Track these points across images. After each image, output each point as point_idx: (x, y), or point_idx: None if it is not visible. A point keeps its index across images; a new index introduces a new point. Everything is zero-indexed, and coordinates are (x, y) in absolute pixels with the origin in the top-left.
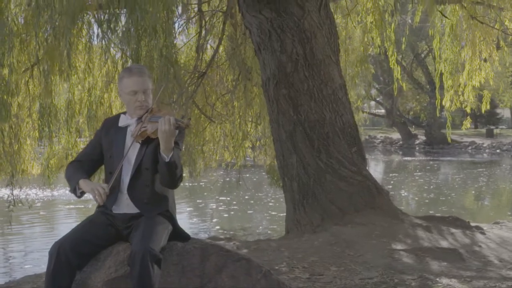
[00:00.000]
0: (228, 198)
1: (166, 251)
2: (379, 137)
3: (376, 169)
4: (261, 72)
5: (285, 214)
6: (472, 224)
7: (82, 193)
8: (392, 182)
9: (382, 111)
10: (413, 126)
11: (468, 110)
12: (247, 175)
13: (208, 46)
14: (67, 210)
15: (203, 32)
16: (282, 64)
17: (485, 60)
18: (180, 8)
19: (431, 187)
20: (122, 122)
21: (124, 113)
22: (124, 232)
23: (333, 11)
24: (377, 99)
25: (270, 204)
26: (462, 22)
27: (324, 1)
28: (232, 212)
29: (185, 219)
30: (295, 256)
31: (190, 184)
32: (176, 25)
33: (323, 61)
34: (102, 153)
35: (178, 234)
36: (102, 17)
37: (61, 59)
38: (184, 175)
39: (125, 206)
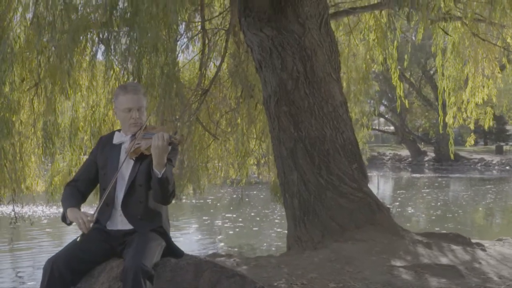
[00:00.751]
0: (234, 215)
1: (159, 267)
2: (388, 154)
3: (384, 186)
4: (262, 89)
5: None
6: (473, 240)
7: (71, 222)
8: (399, 199)
9: (391, 128)
10: (422, 143)
11: (471, 126)
12: (254, 192)
13: (212, 64)
14: (73, 227)
15: (207, 49)
16: (283, 81)
17: (487, 77)
18: (183, 26)
19: (439, 204)
20: (116, 139)
21: (119, 130)
22: (118, 248)
23: (335, 28)
24: (386, 116)
25: (276, 221)
26: (464, 39)
27: (325, 19)
28: (237, 229)
29: (190, 236)
30: (294, 273)
31: (196, 201)
32: (179, 43)
33: (323, 78)
34: (98, 171)
35: (172, 251)
36: (103, 35)
37: (62, 78)
38: (190, 191)
39: (119, 222)
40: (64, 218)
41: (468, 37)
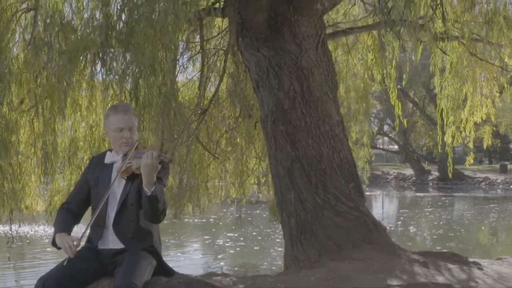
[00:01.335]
0: (236, 234)
1: (150, 286)
2: (392, 173)
3: (388, 205)
4: (259, 109)
5: None
6: (470, 259)
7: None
8: (402, 218)
9: (395, 147)
10: (426, 162)
11: (471, 145)
12: (257, 211)
13: (211, 83)
14: None
15: (206, 69)
16: (280, 101)
17: (486, 97)
18: (184, 46)
19: (441, 223)
20: (108, 159)
21: (111, 150)
22: (109, 267)
23: (334, 47)
24: (390, 135)
25: (278, 240)
26: (462, 59)
27: (322, 39)
28: (238, 248)
29: (191, 255)
30: None
31: (198, 220)
32: (179, 62)
33: (320, 98)
34: (90, 190)
35: (163, 269)
36: (100, 56)
37: (60, 98)
38: (190, 210)
39: (111, 241)
40: (54, 243)
41: (466, 56)
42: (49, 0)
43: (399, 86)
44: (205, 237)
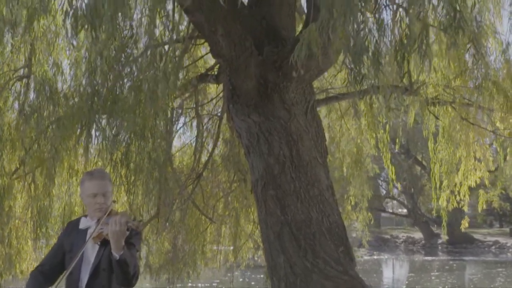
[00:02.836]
0: None
1: None
2: (401, 236)
3: (396, 269)
4: (250, 174)
5: None
6: None
7: None
8: (406, 282)
9: (404, 210)
10: (435, 225)
11: (465, 209)
12: (261, 276)
13: (206, 148)
14: None
15: (201, 134)
16: (270, 166)
17: (479, 161)
18: (180, 112)
19: (446, 287)
20: (82, 224)
21: (86, 216)
22: None
23: (327, 112)
24: (399, 198)
25: None
26: (455, 123)
27: (311, 105)
28: None
29: None
30: None
31: (202, 285)
32: (174, 127)
33: (309, 162)
34: (65, 255)
35: None
36: (89, 123)
37: (49, 165)
38: (186, 274)
39: None
40: None
41: (459, 121)
42: (39, 68)
43: (396, 151)
44: None
